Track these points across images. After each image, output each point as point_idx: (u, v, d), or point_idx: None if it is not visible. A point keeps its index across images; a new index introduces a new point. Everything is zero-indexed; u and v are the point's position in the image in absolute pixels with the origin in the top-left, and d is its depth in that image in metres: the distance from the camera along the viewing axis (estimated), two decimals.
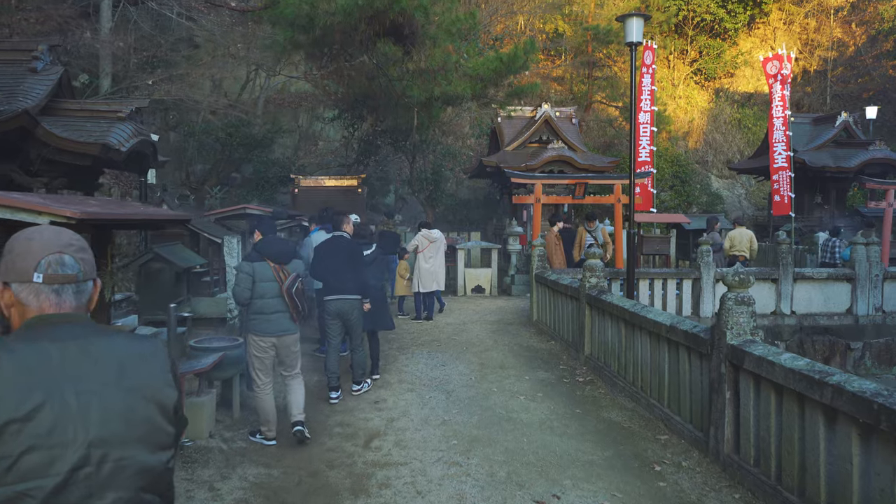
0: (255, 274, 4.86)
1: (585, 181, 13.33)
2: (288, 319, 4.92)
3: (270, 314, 4.89)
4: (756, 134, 29.64)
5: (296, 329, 5.00)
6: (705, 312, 10.42)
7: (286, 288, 4.84)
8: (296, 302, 4.90)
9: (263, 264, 4.89)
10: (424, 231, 10.33)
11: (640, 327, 5.66)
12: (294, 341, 5.00)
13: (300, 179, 15.79)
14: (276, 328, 4.86)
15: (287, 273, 4.93)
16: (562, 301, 8.40)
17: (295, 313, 4.95)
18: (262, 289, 4.83)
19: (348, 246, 6.43)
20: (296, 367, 5.07)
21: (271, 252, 4.92)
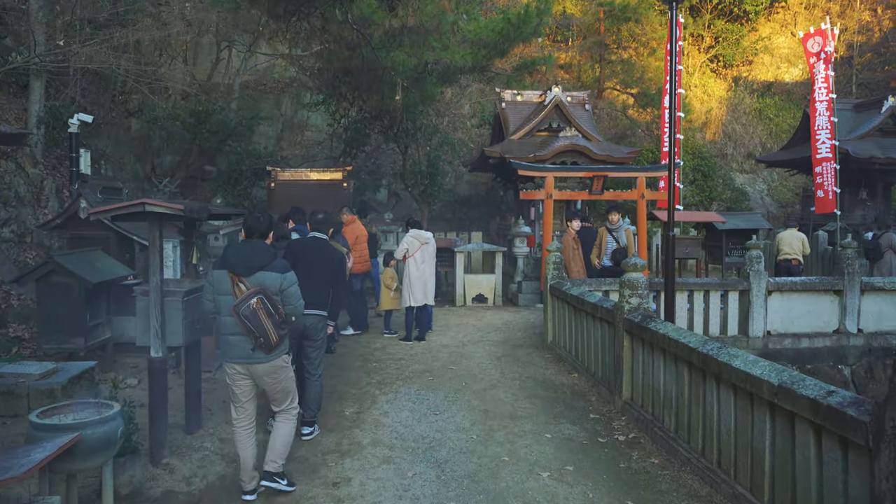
0: (215, 284, 4.08)
1: (605, 174, 11.63)
2: (250, 344, 3.99)
3: (228, 335, 4.05)
4: (779, 125, 28.00)
5: (268, 357, 4.04)
6: (755, 332, 8.74)
7: (234, 306, 3.91)
8: (248, 325, 3.92)
9: (223, 273, 4.05)
10: (414, 232, 8.63)
11: (716, 376, 3.98)
12: (268, 372, 4.09)
13: (277, 172, 14.10)
14: (236, 353, 4.03)
15: (246, 287, 3.96)
16: (588, 323, 6.71)
17: (252, 339, 3.96)
18: (221, 303, 4.05)
19: (326, 253, 5.24)
20: (283, 403, 4.25)
21: (228, 259, 4.04)
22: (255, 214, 4.41)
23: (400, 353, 8.01)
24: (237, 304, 3.90)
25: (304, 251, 5.13)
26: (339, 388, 6.38)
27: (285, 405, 4.26)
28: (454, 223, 19.60)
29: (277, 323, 4.01)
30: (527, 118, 15.20)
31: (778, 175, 26.98)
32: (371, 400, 5.97)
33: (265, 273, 4.04)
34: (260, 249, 4.13)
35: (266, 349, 3.98)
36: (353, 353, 7.99)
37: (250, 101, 18.69)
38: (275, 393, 4.17)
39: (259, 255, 4.06)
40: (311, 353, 5.05)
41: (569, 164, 13.59)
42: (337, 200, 14.08)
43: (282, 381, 4.16)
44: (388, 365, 7.36)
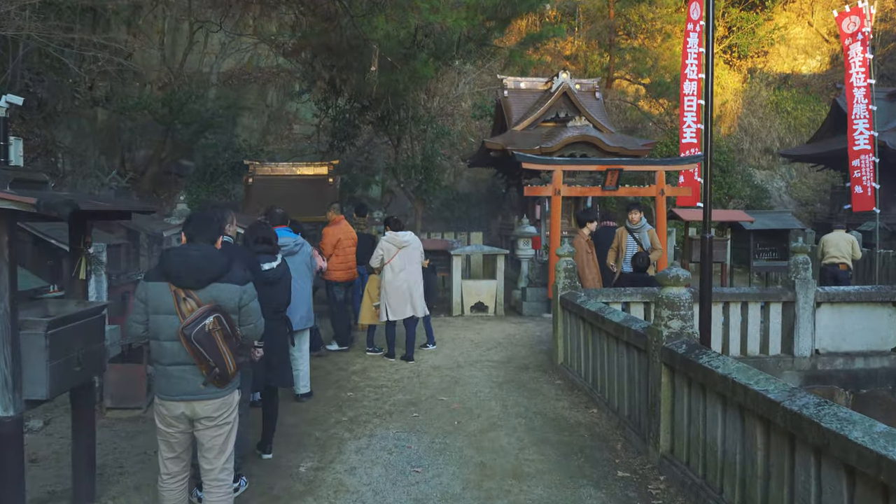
0: (149, 300, 3.15)
1: (619, 167, 10.40)
2: (201, 376, 3.10)
3: (169, 366, 3.14)
4: (797, 119, 26.73)
5: (220, 392, 3.17)
6: (801, 350, 7.51)
7: (182, 329, 3.03)
8: (201, 352, 3.04)
9: (161, 287, 3.12)
10: (390, 235, 7.39)
11: (816, 448, 2.75)
12: (216, 410, 3.17)
13: (255, 167, 12.90)
14: (180, 389, 3.12)
15: (196, 303, 3.09)
16: (610, 346, 5.49)
17: (204, 369, 3.08)
18: (157, 325, 3.13)
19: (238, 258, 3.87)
20: (219, 459, 3.24)
21: (171, 268, 3.11)
22: (203, 214, 3.33)
23: (382, 377, 6.79)
24: (186, 326, 3.02)
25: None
26: (301, 428, 5.17)
27: (220, 463, 3.28)
28: (452, 222, 18.38)
29: (236, 348, 3.19)
30: (531, 107, 13.99)
31: (797, 171, 25.73)
32: (337, 447, 4.74)
33: (221, 285, 3.17)
34: (213, 255, 3.20)
35: (221, 381, 3.14)
36: (327, 377, 6.78)
37: (232, 92, 17.51)
38: (212, 439, 3.22)
39: (213, 263, 3.16)
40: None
41: (578, 156, 12.37)
42: (322, 198, 12.86)
43: (227, 423, 3.26)
44: (366, 394, 6.15)
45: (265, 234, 4.83)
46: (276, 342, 4.53)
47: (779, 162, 25.81)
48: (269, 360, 4.40)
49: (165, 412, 3.13)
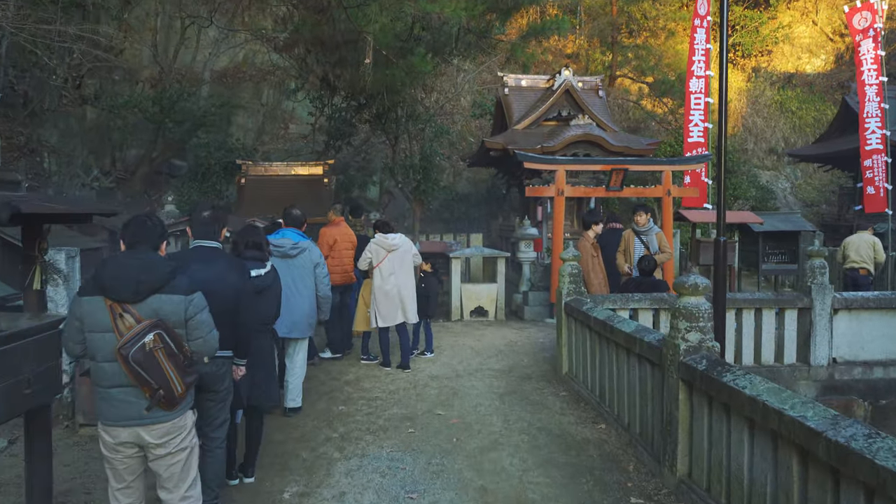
0: (84, 317, 2.79)
1: (625, 167, 10.06)
2: (144, 399, 2.77)
3: (109, 388, 2.80)
4: (802, 119, 26.41)
5: (170, 415, 2.85)
6: (817, 359, 7.17)
7: (118, 348, 2.68)
8: (140, 374, 2.71)
9: (96, 302, 2.78)
10: (379, 237, 7.03)
11: (868, 487, 2.40)
12: (168, 435, 2.86)
13: (248, 167, 12.57)
14: (122, 414, 2.79)
15: (135, 319, 2.75)
16: (619, 358, 5.14)
17: (147, 392, 2.75)
18: (93, 344, 2.79)
19: (225, 266, 3.65)
20: (179, 488, 2.96)
21: (104, 279, 2.77)
22: (141, 217, 2.98)
23: (376, 388, 6.44)
24: (124, 345, 2.70)
25: (193, 265, 3.51)
26: (288, 447, 4.82)
27: (181, 492, 2.99)
28: (452, 224, 18.04)
29: (182, 366, 2.84)
30: (532, 106, 13.65)
31: (802, 172, 25.40)
32: (326, 469, 4.40)
33: (163, 297, 2.85)
34: (153, 263, 2.87)
35: (168, 404, 2.82)
36: (319, 388, 6.43)
37: (226, 90, 17.16)
38: (169, 468, 2.92)
39: (152, 272, 2.83)
40: (211, 409, 3.54)
41: (581, 156, 12.03)
42: (317, 198, 12.54)
43: (183, 449, 2.94)
44: (359, 408, 5.80)
45: (255, 239, 4.49)
46: (260, 358, 4.19)
47: (783, 162, 25.47)
48: (252, 377, 4.05)
49: (109, 439, 2.82)
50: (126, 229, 2.90)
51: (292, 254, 5.62)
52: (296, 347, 5.67)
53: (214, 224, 3.76)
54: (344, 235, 7.73)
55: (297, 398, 5.62)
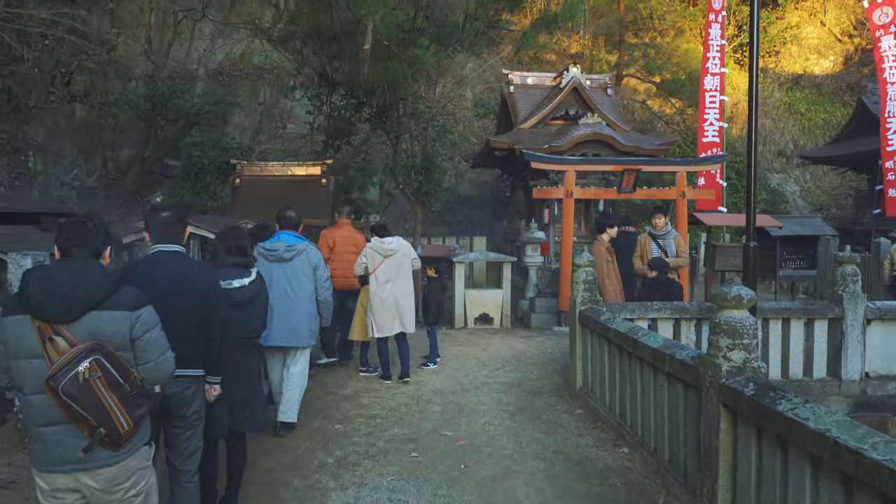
0: (8, 341, 2.33)
1: (637, 167, 9.61)
2: (83, 438, 2.30)
3: (41, 427, 2.32)
4: (811, 120, 25.99)
5: (116, 456, 2.38)
6: (849, 373, 6.70)
7: (49, 378, 2.22)
8: (74, 409, 2.23)
9: (21, 322, 2.31)
10: (374, 242, 6.59)
11: None
12: (115, 481, 2.38)
13: (243, 166, 12.12)
14: (56, 457, 2.31)
15: (69, 342, 2.28)
16: (645, 375, 4.68)
17: (86, 430, 2.27)
18: (19, 373, 2.33)
19: (189, 272, 3.21)
20: None
21: (29, 295, 2.28)
22: (78, 219, 2.52)
23: (376, 404, 5.98)
24: (53, 374, 2.24)
25: (152, 274, 3.06)
26: (277, 474, 4.35)
27: None
28: (454, 226, 17.58)
29: (129, 398, 2.39)
30: (539, 104, 13.21)
31: (811, 175, 24.98)
32: (319, 501, 3.93)
33: (103, 314, 2.39)
34: (89, 274, 2.41)
35: (112, 443, 2.37)
36: (313, 403, 5.97)
37: (222, 88, 16.71)
38: None
39: (88, 285, 2.37)
40: (177, 437, 3.09)
41: (590, 156, 11.57)
42: (315, 200, 12.10)
43: (137, 495, 2.49)
44: (357, 427, 5.33)
45: (239, 243, 4.03)
46: (244, 376, 3.74)
47: (792, 165, 25.05)
48: (233, 400, 3.59)
49: (44, 486, 2.38)
50: (60, 233, 2.45)
51: (287, 257, 5.23)
52: (295, 357, 5.27)
53: (176, 226, 3.30)
54: (346, 238, 7.33)
55: (291, 412, 5.17)
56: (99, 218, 2.65)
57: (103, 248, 2.56)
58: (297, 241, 5.38)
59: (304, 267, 5.25)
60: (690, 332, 6.47)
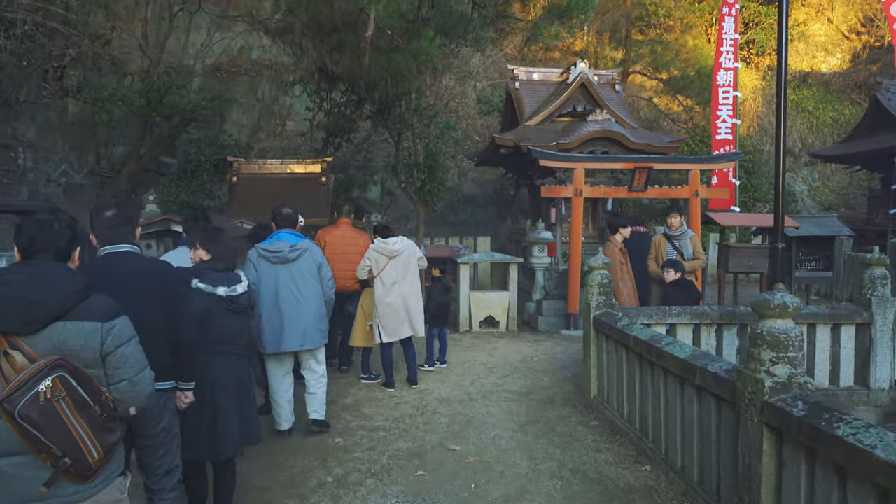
0: None
1: (649, 165, 9.27)
2: (45, 469, 1.97)
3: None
4: (820, 118, 25.66)
5: (86, 490, 2.04)
6: (878, 381, 6.36)
7: (3, 400, 1.90)
8: (35, 436, 1.90)
9: None
10: (378, 243, 6.26)
11: None
12: None
13: (240, 164, 11.79)
14: (13, 493, 1.97)
15: (27, 358, 1.97)
16: (670, 388, 4.34)
17: (49, 461, 1.96)
18: None
19: (145, 272, 2.94)
20: None
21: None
22: (41, 217, 2.17)
23: (378, 415, 5.64)
24: (9, 395, 1.93)
25: (104, 279, 2.69)
26: (272, 494, 4.02)
27: None
28: (457, 226, 17.25)
29: (100, 422, 2.07)
30: (545, 100, 12.87)
31: (819, 174, 24.65)
32: None
33: (68, 325, 2.09)
34: (53, 279, 2.11)
35: (79, 475, 2.04)
36: None
37: (220, 84, 16.38)
38: None
39: (52, 292, 2.08)
40: (150, 458, 2.79)
41: (599, 153, 11.23)
42: (314, 198, 11.76)
43: None
44: (359, 441, 4.99)
45: (218, 247, 3.71)
46: (234, 391, 3.41)
47: (800, 163, 24.70)
48: (216, 414, 3.27)
49: None
50: (20, 232, 2.11)
51: (292, 257, 4.93)
52: (313, 359, 5.13)
53: (124, 226, 2.98)
54: (343, 238, 6.98)
55: (322, 409, 5.15)
56: (67, 215, 2.32)
57: (71, 249, 2.24)
58: (298, 239, 5.09)
59: (309, 266, 5.00)
60: (711, 339, 6.13)
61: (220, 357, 3.51)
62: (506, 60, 17.74)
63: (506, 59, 18.33)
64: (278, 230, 5.15)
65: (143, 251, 4.51)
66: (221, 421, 3.37)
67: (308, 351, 5.05)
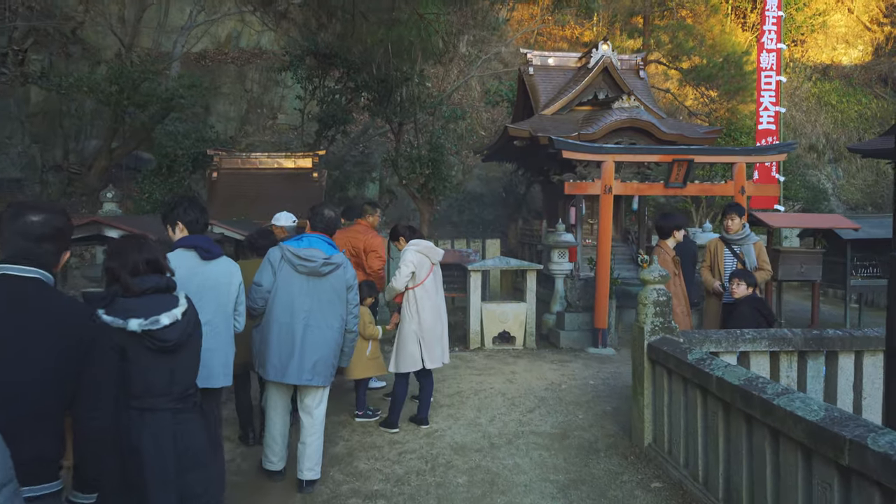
0: None
1: (689, 157, 8.09)
2: None
3: None
4: (845, 113, 24.52)
5: None
6: None
7: None
8: None
9: None
10: (421, 244, 5.16)
11: None
12: None
13: (222, 158, 10.61)
14: None
15: None
16: (788, 457, 3.14)
17: None
18: None
19: (47, 313, 1.92)
20: None
21: None
22: None
23: (376, 471, 4.45)
24: None
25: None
26: None
27: None
28: (462, 227, 16.08)
29: None
30: (563, 88, 11.70)
31: (844, 171, 23.49)
32: None
33: None
34: None
35: None
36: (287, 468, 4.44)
37: (205, 73, 15.19)
38: None
39: None
40: None
41: (624, 145, 10.05)
42: (305, 197, 10.58)
43: None
44: None
45: (150, 255, 2.55)
46: (164, 453, 2.30)
47: (824, 160, 23.57)
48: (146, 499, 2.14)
49: None
50: None
51: (325, 271, 3.92)
52: (315, 398, 4.08)
53: (46, 242, 1.90)
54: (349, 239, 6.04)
55: (317, 467, 4.15)
56: None
57: None
58: (334, 250, 4.04)
59: (338, 287, 4.01)
60: (791, 370, 4.95)
61: (147, 415, 2.46)
62: (509, 54, 16.58)
63: (508, 53, 17.18)
64: (310, 233, 4.06)
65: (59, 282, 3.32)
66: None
67: (313, 389, 4.06)
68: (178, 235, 3.46)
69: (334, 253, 4.01)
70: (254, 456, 4.60)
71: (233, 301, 3.53)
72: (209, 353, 3.30)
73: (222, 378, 3.50)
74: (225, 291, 3.49)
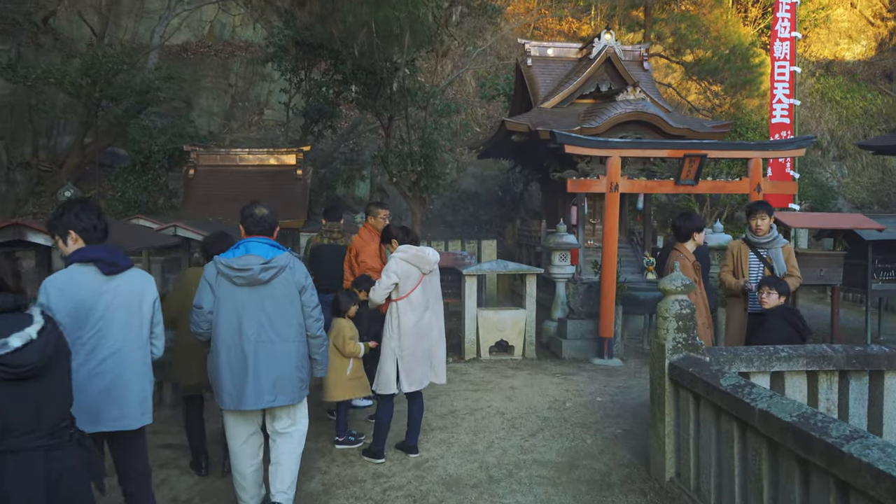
0: None
1: (702, 152, 7.50)
2: None
3: None
4: (849, 109, 24.03)
5: None
6: None
7: None
8: None
9: None
10: (409, 250, 4.53)
11: None
12: None
13: (199, 154, 9.98)
14: None
15: None
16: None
17: None
18: None
19: None
20: None
21: None
22: None
23: None
24: None
25: None
26: None
27: None
28: (456, 227, 15.47)
29: None
30: (563, 80, 11.12)
31: (849, 169, 23.01)
32: None
33: None
34: None
35: None
36: None
37: (187, 66, 14.53)
38: None
39: None
40: None
41: (631, 139, 9.47)
42: (289, 195, 9.99)
43: None
44: None
45: None
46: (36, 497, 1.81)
47: (828, 158, 23.09)
48: None
49: None
50: None
51: (264, 278, 3.35)
52: (288, 418, 3.57)
53: None
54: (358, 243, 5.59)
55: (290, 491, 3.67)
56: None
57: None
58: (275, 252, 3.43)
59: (287, 291, 3.45)
60: (832, 392, 4.36)
61: (9, 459, 2.05)
62: (507, 46, 15.99)
63: (506, 45, 16.57)
64: (247, 238, 3.47)
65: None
66: None
67: (281, 409, 3.54)
68: (71, 247, 2.84)
69: (276, 254, 3.42)
70: (219, 494, 4.00)
71: (147, 322, 2.94)
72: (121, 389, 2.71)
73: (139, 417, 2.90)
74: (136, 312, 2.90)
